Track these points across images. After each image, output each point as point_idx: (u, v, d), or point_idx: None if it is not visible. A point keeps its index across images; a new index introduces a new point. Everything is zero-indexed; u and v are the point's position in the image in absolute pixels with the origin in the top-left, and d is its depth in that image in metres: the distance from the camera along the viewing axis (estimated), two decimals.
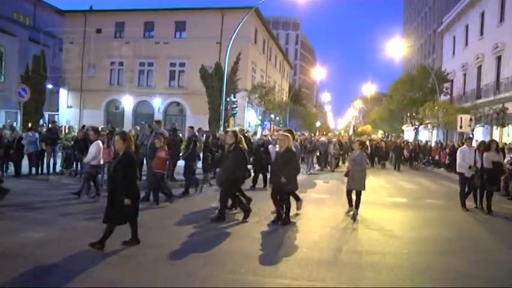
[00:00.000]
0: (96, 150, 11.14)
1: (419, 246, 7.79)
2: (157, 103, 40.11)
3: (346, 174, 10.52)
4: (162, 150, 10.91)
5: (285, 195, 9.22)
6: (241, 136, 10.42)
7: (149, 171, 11.49)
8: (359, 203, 10.10)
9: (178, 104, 40.85)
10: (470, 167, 11.50)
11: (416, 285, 5.62)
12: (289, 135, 9.66)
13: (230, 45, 22.50)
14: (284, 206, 9.18)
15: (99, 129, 14.24)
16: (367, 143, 26.97)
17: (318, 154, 23.60)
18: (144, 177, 13.06)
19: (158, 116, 39.16)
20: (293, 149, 9.48)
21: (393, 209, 11.78)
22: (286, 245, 7.42)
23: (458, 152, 12.42)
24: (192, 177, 12.99)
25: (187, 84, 38.69)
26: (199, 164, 13.90)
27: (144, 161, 13.75)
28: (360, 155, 10.40)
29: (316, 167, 23.47)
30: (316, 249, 7.19)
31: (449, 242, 8.16)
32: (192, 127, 14.82)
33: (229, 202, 9.80)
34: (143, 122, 22.92)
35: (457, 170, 12.34)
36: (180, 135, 18.12)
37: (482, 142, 12.71)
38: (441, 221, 10.30)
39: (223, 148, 13.11)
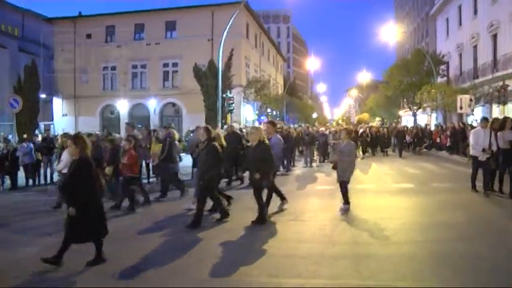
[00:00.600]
0: (67, 158, 9.94)
1: (434, 233, 7.43)
2: (153, 105, 39.71)
3: (334, 167, 9.66)
4: (127, 154, 10.38)
5: (257, 193, 8.45)
6: (218, 133, 9.94)
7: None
8: (345, 194, 9.34)
9: (173, 104, 40.48)
10: (484, 150, 10.57)
11: (440, 276, 5.30)
12: (260, 127, 9.13)
13: (223, 42, 22.16)
14: (258, 204, 8.45)
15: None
16: (367, 130, 26.78)
17: (316, 146, 22.56)
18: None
19: (154, 118, 38.88)
20: (266, 141, 8.71)
21: (401, 196, 11.38)
22: (291, 240, 7.10)
23: (471, 133, 11.63)
24: (175, 180, 12.37)
25: (182, 84, 38.28)
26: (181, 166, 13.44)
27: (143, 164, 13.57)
28: (348, 145, 9.58)
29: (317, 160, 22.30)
30: (328, 243, 6.88)
31: (465, 227, 7.82)
32: (166, 127, 13.88)
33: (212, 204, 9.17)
34: (139, 125, 22.57)
35: (470, 152, 11.76)
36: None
37: (496, 119, 11.71)
38: (452, 204, 9.87)
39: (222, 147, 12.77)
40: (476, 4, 34.25)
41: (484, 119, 11.58)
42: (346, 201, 9.32)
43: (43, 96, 37.84)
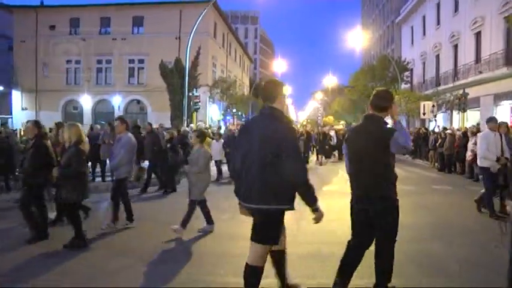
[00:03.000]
0: None
1: (400, 233, 7.38)
2: (117, 101, 38.98)
3: None
4: None
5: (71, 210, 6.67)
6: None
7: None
8: (206, 214, 7.71)
9: (138, 101, 39.92)
10: (498, 159, 8.54)
11: (406, 274, 5.39)
12: (75, 124, 6.95)
13: (190, 40, 21.97)
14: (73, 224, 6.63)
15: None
16: (331, 133, 25.31)
17: None
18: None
19: (119, 114, 38.14)
20: (83, 143, 6.71)
21: None
22: None
23: (479, 138, 9.28)
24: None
25: (147, 81, 37.79)
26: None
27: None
28: (197, 152, 7.58)
29: None
30: (294, 243, 6.88)
31: (431, 227, 7.98)
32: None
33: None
34: (102, 122, 22.14)
35: (479, 163, 9.24)
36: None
37: (503, 122, 9.65)
38: (418, 206, 10.03)
39: (189, 145, 12.60)
40: (439, 15, 35.64)
41: (492, 120, 9.21)
42: (208, 220, 7.71)
43: (0, 88, 36.49)
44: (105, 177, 13.65)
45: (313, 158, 23.93)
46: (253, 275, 3.96)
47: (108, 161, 13.71)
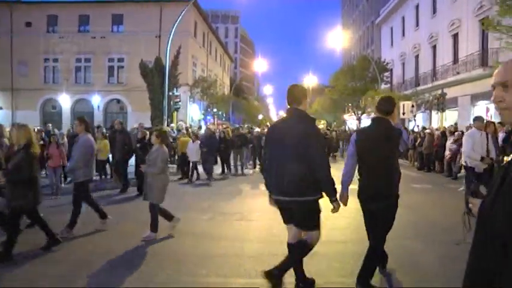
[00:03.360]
0: None
1: None
2: (97, 101, 38.40)
3: None
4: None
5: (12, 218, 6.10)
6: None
7: None
8: (153, 220, 7.12)
9: (118, 101, 39.49)
10: (482, 158, 8.42)
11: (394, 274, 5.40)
12: (24, 126, 6.39)
13: (170, 39, 21.78)
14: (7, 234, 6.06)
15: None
16: None
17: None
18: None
19: (98, 114, 37.70)
20: (33, 145, 6.15)
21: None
22: (238, 239, 7.02)
23: (465, 137, 9.30)
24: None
25: (127, 80, 37.40)
26: None
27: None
28: (156, 151, 7.21)
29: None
30: (276, 242, 6.85)
31: (412, 225, 8.00)
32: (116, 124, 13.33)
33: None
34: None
35: (462, 162, 9.53)
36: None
37: (490, 122, 9.63)
38: (400, 205, 10.11)
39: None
40: (418, 16, 36.17)
41: (478, 119, 9.29)
42: (154, 227, 7.08)
43: None
44: None
45: None
46: (307, 251, 4.65)
47: None
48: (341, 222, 7.91)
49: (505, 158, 1.78)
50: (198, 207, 8.77)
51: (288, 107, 4.61)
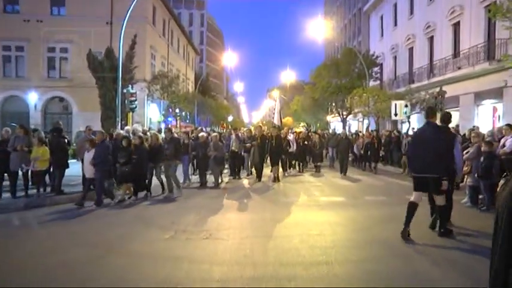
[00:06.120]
0: None
1: (370, 250, 7.66)
2: (33, 99, 37.50)
3: None
4: None
5: None
6: None
7: None
8: None
9: (61, 99, 38.75)
10: None
11: None
12: None
13: (124, 26, 21.60)
14: None
15: None
16: (289, 137, 22.01)
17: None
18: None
19: (35, 115, 37.01)
20: None
21: (331, 210, 11.69)
22: (204, 261, 7.02)
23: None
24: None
25: (72, 74, 36.66)
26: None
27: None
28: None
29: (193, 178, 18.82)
30: (249, 264, 6.89)
31: (403, 243, 8.10)
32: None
33: None
34: (14, 124, 21.19)
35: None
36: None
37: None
38: (388, 219, 10.25)
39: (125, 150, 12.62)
40: (413, 3, 36.58)
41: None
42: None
43: None
44: (16, 192, 13.10)
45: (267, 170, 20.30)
46: (444, 209, 8.65)
47: (20, 172, 13.35)
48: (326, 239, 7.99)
49: None
50: (159, 224, 8.71)
51: None
